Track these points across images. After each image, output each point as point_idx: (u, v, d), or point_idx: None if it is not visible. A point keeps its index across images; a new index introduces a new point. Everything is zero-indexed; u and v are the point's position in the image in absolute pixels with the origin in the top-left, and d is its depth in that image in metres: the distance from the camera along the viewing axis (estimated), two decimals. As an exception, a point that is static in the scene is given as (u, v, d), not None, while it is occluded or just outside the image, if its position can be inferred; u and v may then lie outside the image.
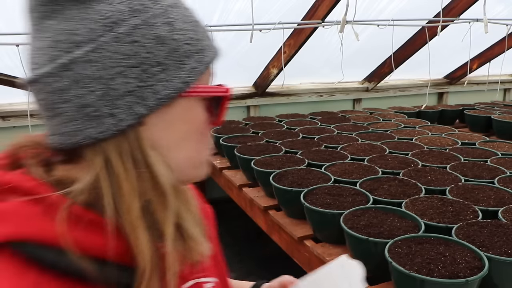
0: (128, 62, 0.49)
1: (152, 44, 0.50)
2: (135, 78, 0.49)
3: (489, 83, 5.07)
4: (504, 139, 3.45)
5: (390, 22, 3.62)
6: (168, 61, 0.51)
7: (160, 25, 0.51)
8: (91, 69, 0.48)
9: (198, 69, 0.55)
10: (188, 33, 0.54)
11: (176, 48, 0.52)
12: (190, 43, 0.54)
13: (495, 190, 2.28)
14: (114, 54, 0.48)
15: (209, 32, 0.58)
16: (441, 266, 1.55)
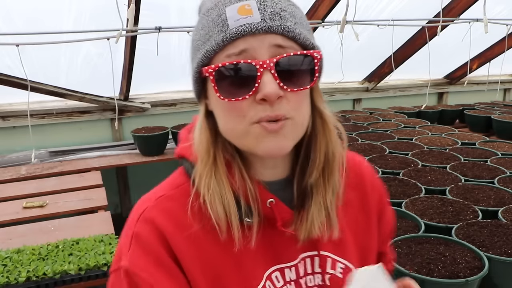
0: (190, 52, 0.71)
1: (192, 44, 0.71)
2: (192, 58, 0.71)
3: (489, 83, 5.07)
4: (504, 139, 3.45)
5: (390, 22, 3.62)
6: (193, 52, 0.70)
7: (196, 31, 0.70)
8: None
9: (200, 58, 0.67)
10: (199, 32, 0.69)
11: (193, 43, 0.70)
12: (198, 40, 0.69)
13: (495, 190, 2.28)
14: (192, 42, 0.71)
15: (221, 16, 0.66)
16: (441, 266, 1.55)
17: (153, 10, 3.07)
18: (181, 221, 0.71)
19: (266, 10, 0.64)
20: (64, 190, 2.83)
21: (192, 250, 0.71)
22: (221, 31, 0.64)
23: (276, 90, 0.63)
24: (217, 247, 0.71)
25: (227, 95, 0.65)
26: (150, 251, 0.70)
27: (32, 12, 2.92)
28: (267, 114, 0.64)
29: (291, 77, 0.65)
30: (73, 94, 3.46)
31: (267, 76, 0.63)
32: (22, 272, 1.85)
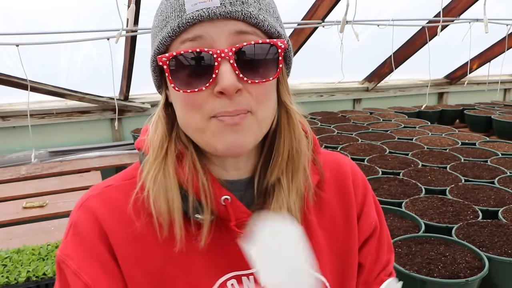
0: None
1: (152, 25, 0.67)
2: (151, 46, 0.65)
3: (489, 83, 5.07)
4: (504, 139, 3.44)
5: (390, 22, 3.62)
6: (152, 39, 0.66)
7: (155, 16, 0.67)
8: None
9: (156, 46, 0.63)
10: (157, 19, 0.65)
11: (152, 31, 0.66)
12: (155, 27, 0.65)
13: (495, 190, 2.27)
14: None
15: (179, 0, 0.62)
16: (441, 266, 1.55)
17: (153, 10, 3.05)
18: (124, 215, 0.66)
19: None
20: (64, 190, 2.82)
21: (133, 248, 0.65)
22: (178, 16, 0.59)
23: (235, 82, 0.58)
24: (160, 247, 0.66)
25: (182, 86, 0.60)
26: (85, 241, 0.66)
27: (32, 12, 2.92)
28: (225, 110, 0.59)
29: (252, 68, 0.60)
30: (73, 94, 3.46)
31: (226, 66, 0.58)
32: (22, 272, 1.84)
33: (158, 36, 0.62)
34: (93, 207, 0.67)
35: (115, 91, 3.31)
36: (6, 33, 2.73)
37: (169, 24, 0.60)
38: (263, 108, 0.62)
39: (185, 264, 0.66)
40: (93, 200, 0.68)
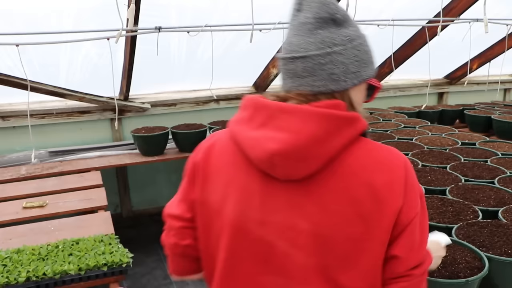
0: (355, 59, 0.98)
1: (363, 54, 1.01)
2: (357, 67, 0.98)
3: (489, 83, 5.07)
4: (504, 139, 3.44)
5: (390, 22, 3.62)
6: (366, 63, 1.01)
7: (365, 46, 1.01)
8: (339, 57, 0.95)
9: (373, 71, 1.03)
10: (370, 53, 1.04)
11: (368, 59, 1.03)
12: (371, 57, 1.04)
13: (495, 190, 2.27)
14: (350, 53, 0.96)
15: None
16: (441, 266, 1.55)
17: (153, 10, 3.07)
18: None
19: None
20: (64, 190, 2.83)
21: None
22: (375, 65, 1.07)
23: None
24: None
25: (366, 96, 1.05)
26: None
27: (32, 12, 2.92)
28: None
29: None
30: (73, 94, 3.46)
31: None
32: (22, 272, 1.84)
33: (372, 65, 1.06)
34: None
35: (115, 91, 3.32)
36: (6, 33, 2.73)
37: (374, 64, 1.08)
38: None
39: None
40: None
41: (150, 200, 4.22)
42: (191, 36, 3.18)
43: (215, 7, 3.34)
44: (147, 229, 3.96)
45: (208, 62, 3.50)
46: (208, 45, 3.43)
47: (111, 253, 2.01)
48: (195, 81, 4.08)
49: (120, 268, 1.96)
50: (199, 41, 3.43)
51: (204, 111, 4.13)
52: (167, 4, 3.19)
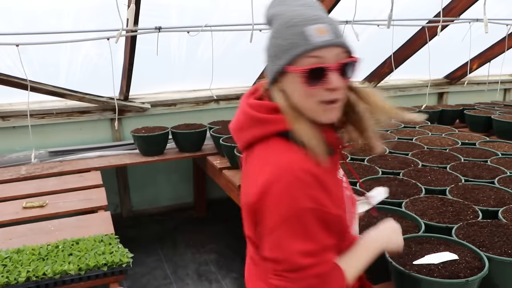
0: (268, 55, 1.04)
1: (272, 48, 1.02)
2: (270, 61, 1.03)
3: (489, 83, 5.07)
4: (504, 139, 3.44)
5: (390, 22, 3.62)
6: (277, 56, 1.00)
7: (278, 38, 0.99)
8: (265, 55, 1.05)
9: (290, 58, 0.97)
10: (284, 40, 0.98)
11: (276, 52, 1.00)
12: (284, 46, 0.98)
13: (495, 190, 2.27)
14: (268, 51, 1.04)
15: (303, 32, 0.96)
16: (441, 266, 1.55)
17: (153, 10, 3.07)
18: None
19: (333, 31, 0.96)
20: (64, 190, 2.83)
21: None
22: (305, 43, 0.95)
23: (339, 83, 0.97)
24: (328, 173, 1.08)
25: (307, 84, 0.96)
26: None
27: (32, 9, 2.92)
28: (329, 98, 0.99)
29: (345, 75, 0.99)
30: (73, 94, 3.46)
31: (334, 75, 0.96)
32: (22, 272, 1.85)
33: (288, 53, 0.97)
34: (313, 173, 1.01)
35: (115, 91, 3.32)
36: (6, 33, 2.73)
37: (299, 47, 0.95)
38: (343, 93, 1.03)
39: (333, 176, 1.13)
40: (311, 170, 1.01)
41: (150, 200, 4.22)
42: (191, 36, 3.18)
43: (215, 7, 3.34)
44: (147, 229, 3.96)
45: (208, 62, 3.50)
46: (208, 45, 3.43)
47: (111, 253, 2.01)
48: (195, 81, 4.08)
49: (120, 268, 1.96)
50: (199, 41, 3.43)
51: (204, 111, 4.13)
52: (167, 4, 3.19)
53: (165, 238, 3.76)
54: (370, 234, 1.23)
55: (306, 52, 0.94)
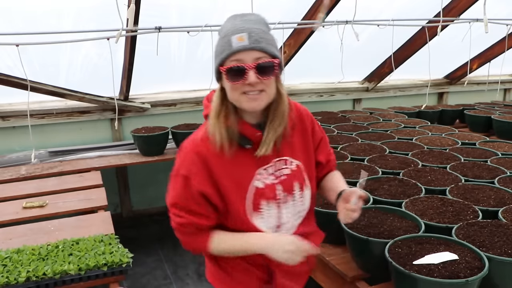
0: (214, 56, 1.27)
1: (215, 53, 1.26)
2: (214, 61, 1.26)
3: (489, 83, 5.07)
4: (504, 139, 3.44)
5: (390, 22, 3.62)
6: (216, 57, 1.25)
7: (217, 46, 1.26)
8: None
9: (219, 61, 1.23)
10: (218, 47, 1.24)
11: (215, 53, 1.26)
12: (217, 51, 1.25)
13: (495, 190, 2.27)
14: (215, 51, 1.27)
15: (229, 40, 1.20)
16: (441, 266, 1.55)
17: (153, 10, 3.06)
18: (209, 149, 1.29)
19: (251, 38, 1.18)
20: (64, 190, 2.83)
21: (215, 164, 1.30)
22: (228, 48, 1.20)
23: (256, 79, 1.20)
24: (222, 159, 1.29)
25: (231, 80, 1.21)
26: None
27: (32, 11, 2.91)
28: (250, 89, 1.22)
29: (263, 72, 1.20)
30: (73, 94, 3.46)
31: (251, 72, 1.19)
32: (22, 272, 1.84)
33: (219, 56, 1.22)
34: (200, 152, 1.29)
35: (115, 91, 3.31)
36: (6, 33, 2.73)
37: (224, 52, 1.20)
38: (269, 89, 1.25)
39: (239, 166, 1.31)
40: (197, 149, 1.30)
41: (150, 200, 4.22)
42: (191, 36, 3.17)
43: (215, 7, 3.34)
44: (147, 229, 3.96)
45: (208, 62, 3.50)
46: (208, 45, 3.43)
47: (111, 253, 2.01)
48: (195, 81, 4.08)
49: (120, 268, 1.96)
50: (199, 41, 3.43)
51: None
52: (167, 4, 3.19)
53: (165, 238, 3.76)
54: (261, 234, 1.34)
55: (229, 55, 1.19)
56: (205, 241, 1.35)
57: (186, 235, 1.36)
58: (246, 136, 1.29)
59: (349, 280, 1.85)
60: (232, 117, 1.27)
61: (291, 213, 1.39)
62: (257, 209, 1.33)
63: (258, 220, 1.34)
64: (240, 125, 1.28)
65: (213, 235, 1.36)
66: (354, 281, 1.84)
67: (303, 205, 1.43)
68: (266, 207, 1.34)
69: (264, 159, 1.32)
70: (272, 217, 1.36)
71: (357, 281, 1.84)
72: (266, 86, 1.23)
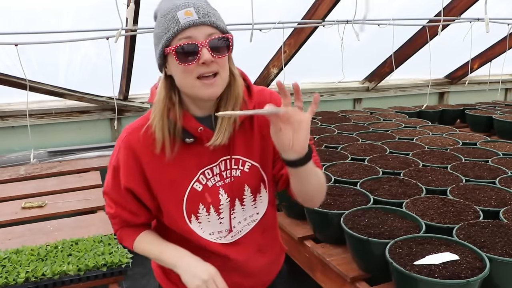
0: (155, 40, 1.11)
1: (155, 36, 1.11)
2: (155, 46, 1.11)
3: (490, 82, 5.06)
4: (505, 139, 3.43)
5: (390, 21, 3.61)
6: (157, 40, 1.10)
7: (157, 28, 1.10)
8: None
9: (165, 42, 1.07)
10: (160, 27, 1.08)
11: (157, 35, 1.10)
12: (160, 32, 1.08)
13: (496, 191, 2.27)
14: (155, 35, 1.11)
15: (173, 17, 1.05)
16: (442, 267, 1.54)
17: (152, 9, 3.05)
18: (144, 141, 1.15)
19: (199, 13, 1.05)
20: (63, 190, 2.82)
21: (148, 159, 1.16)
22: (175, 25, 1.04)
23: (210, 57, 1.04)
24: (159, 157, 1.15)
25: (183, 62, 1.05)
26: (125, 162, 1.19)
27: (32, 9, 2.91)
28: (205, 71, 1.06)
29: (217, 49, 1.06)
30: (72, 94, 3.45)
31: (205, 50, 1.04)
32: (21, 273, 1.84)
33: (164, 37, 1.06)
34: (129, 141, 1.17)
35: (115, 90, 3.30)
36: (5, 32, 2.73)
37: (170, 30, 1.05)
38: (223, 72, 1.09)
39: (181, 165, 1.17)
40: (127, 138, 1.18)
41: (150, 200, 4.21)
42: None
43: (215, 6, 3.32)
44: (147, 229, 3.95)
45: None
46: (208, 45, 3.41)
47: (111, 253, 2.00)
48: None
49: (120, 268, 1.95)
50: (199, 40, 3.42)
51: (204, 111, 4.12)
52: (166, 3, 3.18)
53: (165, 238, 3.75)
54: (181, 253, 1.19)
55: (177, 33, 1.04)
56: (130, 238, 1.26)
57: (115, 226, 1.28)
58: (188, 131, 1.13)
59: (349, 280, 1.84)
60: (176, 110, 1.12)
61: (240, 218, 1.24)
62: (195, 213, 1.19)
63: (195, 224, 1.20)
64: (183, 118, 1.12)
65: (139, 233, 1.26)
66: (354, 282, 1.83)
67: (256, 209, 1.26)
68: (204, 212, 1.19)
69: (209, 157, 1.17)
70: (212, 222, 1.21)
71: (357, 282, 1.83)
72: (220, 67, 1.07)
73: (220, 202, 1.20)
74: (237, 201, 1.22)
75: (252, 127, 1.21)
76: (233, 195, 1.21)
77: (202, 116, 1.16)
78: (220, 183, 1.19)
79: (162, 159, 1.14)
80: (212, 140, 1.12)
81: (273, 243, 1.38)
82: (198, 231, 1.21)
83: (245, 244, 1.27)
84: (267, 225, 1.33)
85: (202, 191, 1.18)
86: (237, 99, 1.15)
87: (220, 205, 1.20)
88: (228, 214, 1.22)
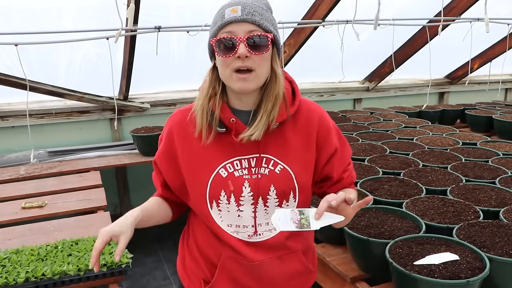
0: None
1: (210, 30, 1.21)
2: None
3: (490, 82, 5.06)
4: (505, 139, 3.44)
5: (390, 21, 3.61)
6: (210, 31, 1.21)
7: (212, 22, 1.20)
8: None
9: (212, 34, 1.18)
10: (212, 21, 1.19)
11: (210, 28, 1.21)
12: (211, 25, 1.19)
13: (496, 191, 2.27)
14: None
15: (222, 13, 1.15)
16: (442, 267, 1.54)
17: (152, 10, 3.06)
18: (183, 124, 1.27)
19: (244, 11, 1.13)
20: (63, 191, 2.82)
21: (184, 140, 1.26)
22: (221, 20, 1.14)
23: (245, 52, 1.11)
24: (196, 140, 1.23)
25: (222, 53, 1.14)
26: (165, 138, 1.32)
27: (31, 9, 2.91)
28: (240, 65, 1.12)
29: (254, 47, 1.12)
30: (72, 94, 3.45)
31: (242, 45, 1.11)
32: (21, 273, 1.83)
33: (212, 29, 1.18)
34: (171, 121, 1.30)
35: (115, 90, 3.31)
36: (5, 32, 2.73)
37: (217, 23, 1.15)
38: (260, 70, 1.15)
39: (208, 152, 1.23)
40: (171, 117, 1.31)
41: (150, 200, 4.21)
42: (191, 36, 3.17)
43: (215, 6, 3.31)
44: (147, 230, 3.93)
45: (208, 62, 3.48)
46: (208, 45, 3.42)
47: (111, 253, 2.00)
48: (195, 81, 4.07)
49: (120, 268, 1.95)
50: (199, 40, 3.41)
51: (204, 111, 4.12)
52: (167, 3, 3.18)
53: (165, 239, 3.75)
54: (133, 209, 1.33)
55: (221, 27, 1.14)
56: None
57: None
58: (222, 120, 1.19)
59: (349, 280, 1.84)
60: (217, 99, 1.19)
61: (261, 219, 1.23)
62: (216, 199, 1.22)
63: (215, 211, 1.23)
64: (221, 108, 1.19)
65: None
66: (354, 282, 1.83)
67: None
68: (225, 200, 1.21)
69: (240, 149, 1.20)
70: (231, 213, 1.22)
71: (357, 282, 1.83)
72: (257, 65, 1.13)
73: (241, 194, 1.21)
74: (261, 199, 1.22)
75: (295, 132, 1.24)
76: (257, 192, 1.21)
77: (241, 110, 1.22)
78: (247, 176, 1.21)
79: (196, 143, 1.23)
80: (243, 134, 1.17)
81: (298, 257, 1.32)
82: (217, 219, 1.24)
83: (262, 247, 1.25)
84: (300, 233, 1.30)
85: (226, 177, 1.21)
86: (277, 99, 1.18)
87: (241, 196, 1.21)
88: (250, 211, 1.22)
